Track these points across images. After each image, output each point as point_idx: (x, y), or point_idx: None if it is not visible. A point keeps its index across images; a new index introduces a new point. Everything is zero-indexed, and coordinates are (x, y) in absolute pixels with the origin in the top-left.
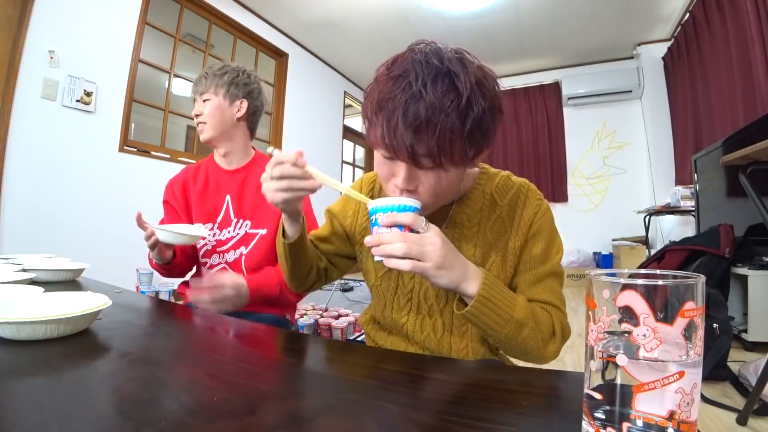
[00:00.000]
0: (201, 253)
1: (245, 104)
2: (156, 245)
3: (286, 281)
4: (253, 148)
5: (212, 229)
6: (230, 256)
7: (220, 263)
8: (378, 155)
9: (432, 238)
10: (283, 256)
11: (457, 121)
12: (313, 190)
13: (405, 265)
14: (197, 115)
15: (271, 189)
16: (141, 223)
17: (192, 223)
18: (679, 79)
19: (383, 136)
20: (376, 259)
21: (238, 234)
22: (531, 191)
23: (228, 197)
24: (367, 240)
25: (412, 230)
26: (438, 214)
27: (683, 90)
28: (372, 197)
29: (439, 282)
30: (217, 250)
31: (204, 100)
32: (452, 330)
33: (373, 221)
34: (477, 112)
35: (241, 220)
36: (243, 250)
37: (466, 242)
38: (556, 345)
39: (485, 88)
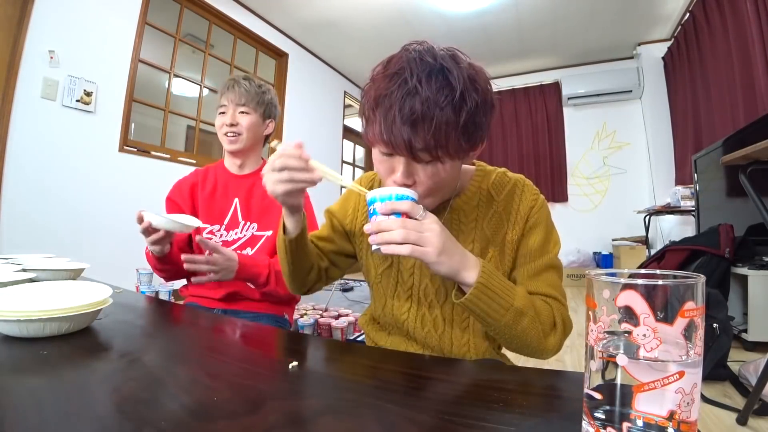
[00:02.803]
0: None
1: (272, 125)
2: (150, 233)
3: (287, 283)
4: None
5: (219, 230)
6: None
7: None
8: (376, 153)
9: (431, 225)
10: (283, 253)
11: (452, 115)
12: (313, 183)
13: (404, 249)
14: (232, 125)
15: (273, 180)
16: (139, 217)
17: None
18: (679, 79)
19: (381, 133)
20: (373, 248)
21: (245, 235)
22: (527, 186)
23: (236, 200)
24: (366, 227)
25: (410, 218)
26: (435, 211)
27: (683, 90)
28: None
29: (439, 269)
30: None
31: (241, 112)
32: (453, 325)
33: (371, 211)
34: (470, 105)
35: (248, 223)
36: (249, 251)
37: (464, 237)
38: (557, 338)
39: (477, 83)
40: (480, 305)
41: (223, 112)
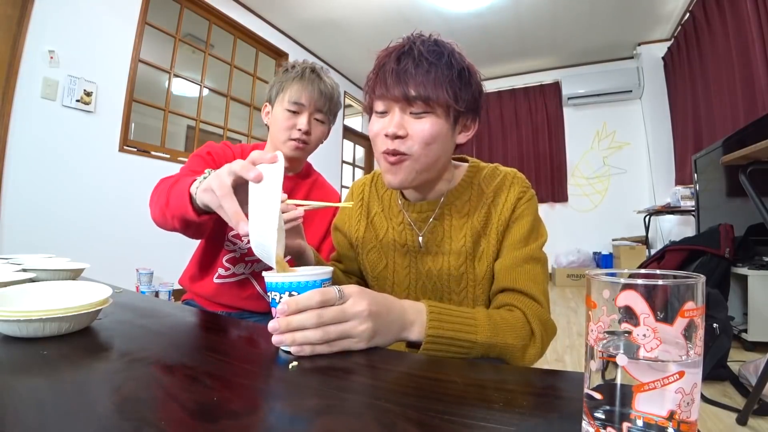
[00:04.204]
0: (225, 258)
1: (330, 130)
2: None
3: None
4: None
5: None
6: (259, 267)
7: (243, 273)
8: (373, 117)
9: (353, 308)
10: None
11: (443, 69)
12: (296, 219)
13: (324, 349)
14: (304, 132)
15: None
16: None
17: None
18: (679, 79)
19: (378, 87)
20: (283, 348)
21: None
22: (517, 179)
23: None
24: (271, 325)
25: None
26: (428, 207)
27: (683, 90)
28: (361, 204)
29: (377, 346)
30: (246, 259)
31: (317, 119)
32: None
33: (271, 299)
34: (457, 67)
35: None
36: None
37: (456, 232)
38: (536, 347)
39: (465, 59)
40: (439, 354)
41: (296, 111)
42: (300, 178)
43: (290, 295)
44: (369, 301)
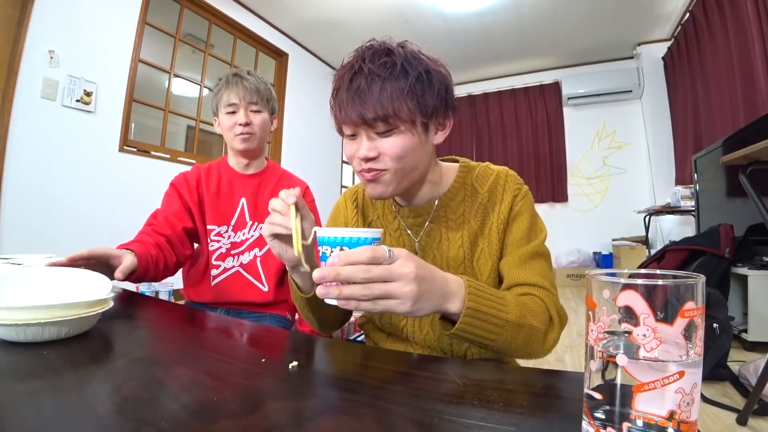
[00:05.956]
0: (214, 256)
1: (276, 122)
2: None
3: (317, 330)
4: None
5: (227, 231)
6: (245, 258)
7: (233, 266)
8: (345, 141)
9: (401, 269)
10: (306, 311)
11: (395, 83)
12: (285, 228)
13: (367, 305)
14: (245, 124)
15: (265, 222)
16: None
17: (204, 221)
18: (679, 79)
19: (338, 113)
20: (327, 301)
21: (252, 236)
22: (510, 176)
23: (243, 200)
24: (317, 274)
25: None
26: (423, 211)
27: (683, 90)
28: (356, 210)
29: (416, 315)
30: (232, 252)
31: (253, 111)
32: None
33: (321, 254)
34: (413, 74)
35: (256, 223)
36: (257, 252)
37: (453, 234)
38: (555, 333)
39: (421, 60)
40: (473, 330)
41: (233, 111)
42: (266, 173)
43: (341, 249)
44: (416, 264)
